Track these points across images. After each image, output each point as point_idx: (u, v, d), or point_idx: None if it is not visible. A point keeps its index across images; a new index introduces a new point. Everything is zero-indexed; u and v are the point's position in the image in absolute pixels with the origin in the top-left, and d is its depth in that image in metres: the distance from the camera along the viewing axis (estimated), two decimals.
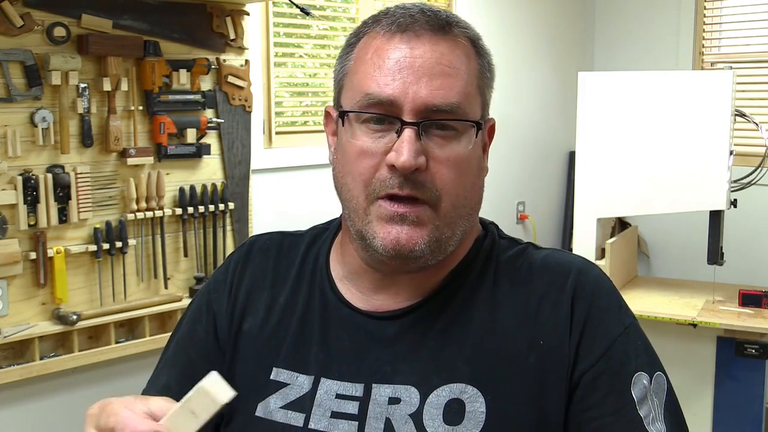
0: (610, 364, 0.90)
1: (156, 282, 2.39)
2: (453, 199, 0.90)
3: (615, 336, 0.92)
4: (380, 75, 0.88)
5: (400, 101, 0.87)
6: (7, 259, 2.05)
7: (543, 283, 0.95)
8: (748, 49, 3.98)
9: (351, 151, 0.91)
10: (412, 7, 0.92)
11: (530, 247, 1.01)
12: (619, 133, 2.98)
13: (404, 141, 0.86)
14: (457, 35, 0.92)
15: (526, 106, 4.05)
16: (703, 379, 3.03)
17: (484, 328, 0.93)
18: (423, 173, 0.88)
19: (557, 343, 0.91)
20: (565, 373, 0.90)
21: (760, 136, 3.08)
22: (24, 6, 2.07)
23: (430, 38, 0.89)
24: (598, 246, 3.09)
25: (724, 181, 2.87)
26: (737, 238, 3.62)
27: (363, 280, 0.98)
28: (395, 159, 0.86)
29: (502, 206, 3.98)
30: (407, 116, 0.87)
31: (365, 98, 0.89)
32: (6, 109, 2.06)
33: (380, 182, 0.89)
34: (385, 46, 0.90)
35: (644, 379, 0.91)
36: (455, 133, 0.90)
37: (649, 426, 0.88)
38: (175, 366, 1.03)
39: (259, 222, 2.68)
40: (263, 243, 1.08)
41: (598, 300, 0.94)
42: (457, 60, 0.90)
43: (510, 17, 3.93)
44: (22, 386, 2.15)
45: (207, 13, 2.43)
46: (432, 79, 0.88)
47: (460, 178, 0.90)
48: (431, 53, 0.89)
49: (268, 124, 2.85)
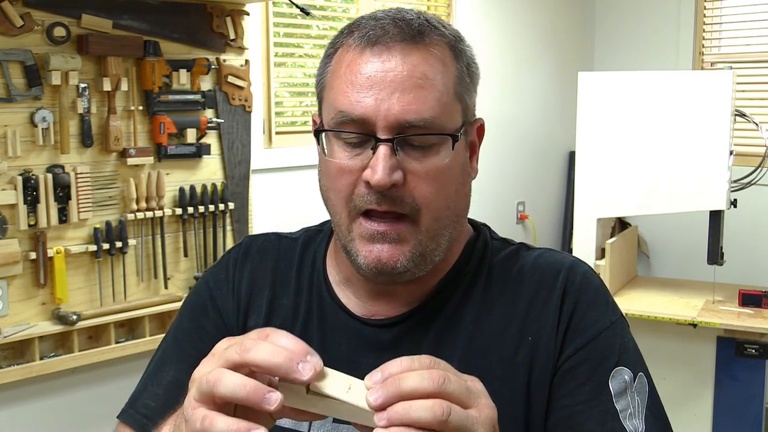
0: (591, 356, 0.90)
1: (156, 282, 2.39)
2: (434, 212, 0.89)
3: (600, 329, 0.92)
4: (352, 92, 0.87)
5: (372, 118, 0.86)
6: (7, 259, 2.05)
7: (534, 283, 0.95)
8: (748, 49, 3.98)
9: (330, 168, 0.90)
10: (383, 17, 0.90)
11: (522, 248, 1.01)
12: (619, 133, 2.98)
13: (379, 158, 0.85)
14: (430, 43, 0.89)
15: (526, 106, 4.05)
16: (703, 379, 3.03)
17: (473, 329, 0.93)
18: (400, 188, 0.87)
19: (545, 338, 0.91)
20: (551, 367, 0.91)
21: (760, 136, 3.09)
22: (24, 6, 2.07)
23: (402, 49, 0.87)
24: (598, 246, 3.09)
25: (724, 181, 2.87)
26: (737, 238, 3.62)
27: (358, 287, 0.98)
28: (370, 177, 0.85)
29: (502, 206, 3.98)
30: (381, 133, 0.86)
31: (339, 115, 0.88)
32: (6, 109, 2.06)
33: (359, 198, 0.88)
34: (357, 60, 0.88)
35: (626, 374, 0.91)
36: (432, 146, 0.88)
37: (625, 420, 0.88)
38: (182, 360, 1.01)
39: (259, 222, 2.68)
40: (260, 244, 1.07)
41: (585, 295, 0.94)
42: (431, 70, 0.88)
43: (510, 17, 3.93)
44: (22, 386, 2.16)
45: (207, 13, 2.43)
46: (404, 93, 0.86)
47: (440, 190, 0.89)
48: (402, 66, 0.86)
49: (268, 124, 2.85)
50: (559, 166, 4.32)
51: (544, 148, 4.19)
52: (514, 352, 0.91)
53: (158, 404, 0.96)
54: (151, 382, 1.02)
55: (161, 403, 0.96)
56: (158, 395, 0.99)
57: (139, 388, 1.03)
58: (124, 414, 1.02)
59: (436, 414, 0.64)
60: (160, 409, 0.94)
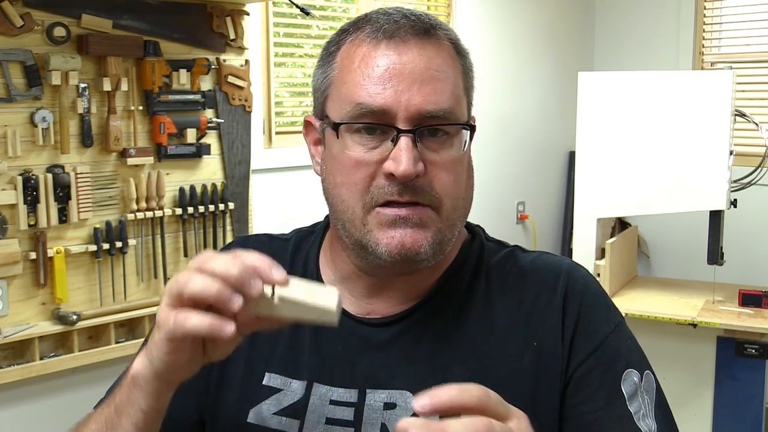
0: (601, 361, 0.91)
1: (156, 282, 2.39)
2: (453, 201, 0.91)
3: (606, 333, 0.93)
4: (370, 84, 0.88)
5: (393, 110, 0.87)
6: (7, 259, 2.05)
7: (534, 285, 0.95)
8: (748, 49, 3.98)
9: (345, 162, 0.90)
10: (394, 12, 0.91)
11: (518, 250, 1.02)
12: (619, 133, 2.98)
13: (402, 149, 0.86)
14: (440, 38, 0.91)
15: (526, 106, 4.05)
16: (703, 379, 3.03)
17: (478, 331, 0.93)
18: (422, 179, 0.88)
19: (551, 343, 0.92)
20: (559, 373, 0.91)
21: (760, 136, 3.09)
22: (24, 6, 2.07)
23: (417, 43, 0.89)
24: (598, 246, 3.09)
25: (724, 181, 2.87)
26: (737, 238, 3.62)
27: (356, 285, 0.97)
28: (394, 168, 0.86)
29: (502, 206, 3.98)
30: (402, 124, 0.87)
31: (356, 108, 0.88)
32: (6, 109, 2.06)
33: (378, 190, 0.88)
34: (372, 54, 0.89)
35: (634, 376, 0.92)
36: (448, 137, 0.90)
37: (639, 422, 0.89)
38: None
39: (259, 222, 2.68)
40: (252, 245, 1.06)
41: (588, 299, 0.95)
42: (444, 63, 0.90)
43: (510, 17, 3.93)
44: (22, 386, 2.15)
45: (207, 13, 2.43)
46: (423, 85, 0.87)
47: (457, 180, 0.91)
48: (420, 58, 0.88)
49: (268, 124, 2.85)
50: (559, 166, 4.32)
51: (544, 148, 4.19)
52: (520, 356, 0.92)
53: None
54: None
55: None
56: None
57: (117, 381, 1.03)
58: (100, 404, 1.01)
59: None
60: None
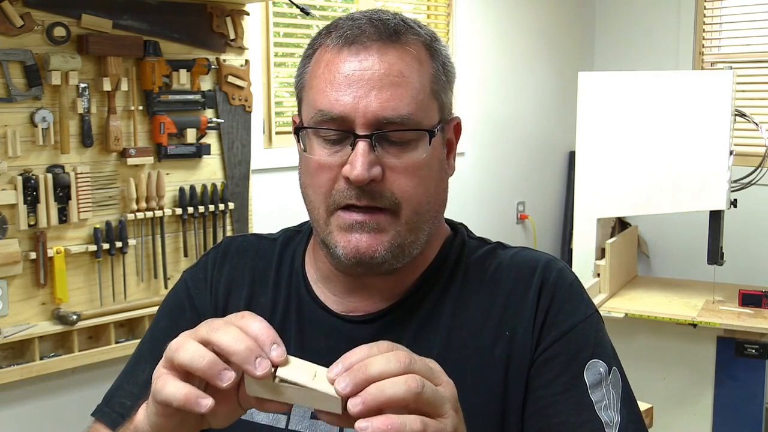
0: (566, 348, 0.92)
1: (156, 282, 2.40)
2: (415, 206, 0.91)
3: (575, 323, 0.94)
4: (331, 90, 0.89)
5: (351, 116, 0.88)
6: (7, 259, 2.05)
7: (511, 280, 0.97)
8: (748, 49, 3.98)
9: (311, 164, 0.92)
10: (360, 17, 0.92)
11: (499, 247, 1.03)
12: (619, 133, 2.98)
13: (357, 154, 0.87)
14: (406, 42, 0.91)
15: (526, 106, 4.05)
16: (703, 379, 3.03)
17: (451, 324, 0.95)
18: (380, 183, 0.89)
19: (522, 333, 0.93)
20: (528, 361, 0.92)
21: (760, 136, 3.09)
22: (24, 6, 2.07)
23: (379, 48, 0.89)
24: (598, 246, 3.09)
25: (724, 181, 2.87)
26: (737, 238, 3.62)
27: (336, 283, 0.99)
28: (349, 172, 0.88)
29: (502, 206, 3.98)
30: (359, 129, 0.88)
31: (318, 114, 0.90)
32: (6, 109, 2.06)
33: (339, 193, 0.90)
34: (335, 60, 0.90)
35: (600, 367, 0.92)
36: (410, 142, 0.91)
37: (600, 411, 0.90)
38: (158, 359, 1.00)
39: (259, 222, 2.68)
40: (239, 244, 1.09)
41: (561, 291, 0.96)
42: (407, 68, 0.90)
43: (510, 17, 3.93)
44: (22, 386, 2.15)
45: (207, 13, 2.43)
46: (381, 91, 0.88)
47: (419, 184, 0.91)
48: (380, 64, 0.89)
49: (268, 124, 2.86)
50: (559, 166, 4.32)
51: (544, 148, 4.19)
52: (492, 347, 0.93)
53: (133, 403, 0.97)
54: (127, 381, 1.03)
55: (136, 402, 0.96)
56: (133, 394, 1.00)
57: (115, 386, 1.04)
58: (99, 412, 1.03)
59: (411, 387, 0.66)
60: (135, 407, 0.95)
